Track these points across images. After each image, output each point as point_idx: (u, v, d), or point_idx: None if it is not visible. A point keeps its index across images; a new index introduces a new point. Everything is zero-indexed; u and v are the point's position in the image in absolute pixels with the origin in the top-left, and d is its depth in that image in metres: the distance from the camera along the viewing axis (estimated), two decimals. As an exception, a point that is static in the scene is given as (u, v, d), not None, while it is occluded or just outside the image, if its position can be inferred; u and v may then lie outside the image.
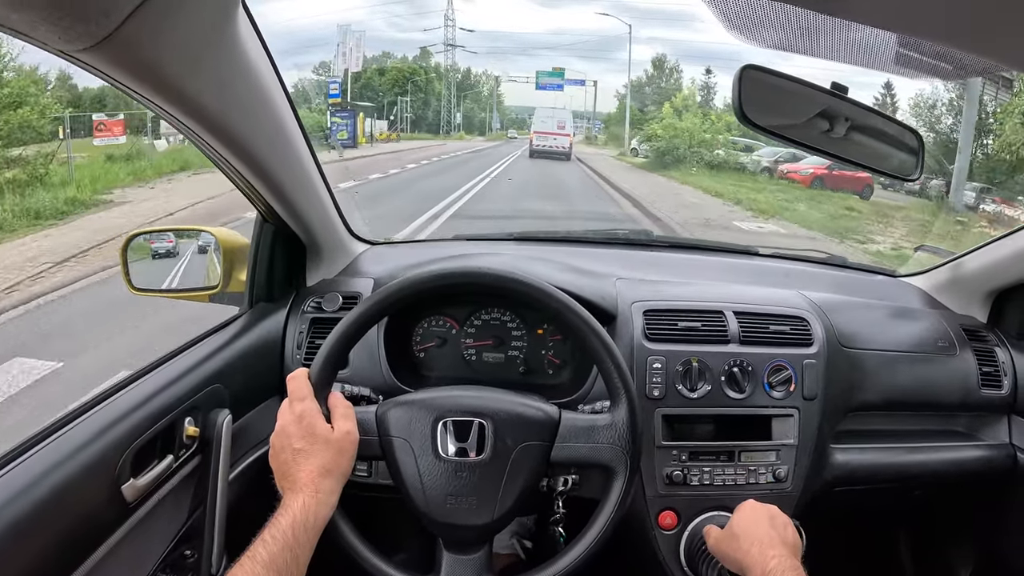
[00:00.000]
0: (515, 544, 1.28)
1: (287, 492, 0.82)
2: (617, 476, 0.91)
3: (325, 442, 0.84)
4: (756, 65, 0.91)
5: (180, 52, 0.69)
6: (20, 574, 0.70)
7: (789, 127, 0.96)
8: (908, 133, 1.04)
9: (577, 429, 0.92)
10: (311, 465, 0.82)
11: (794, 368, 1.17)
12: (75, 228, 7.38)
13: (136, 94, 0.71)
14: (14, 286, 5.26)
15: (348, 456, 0.86)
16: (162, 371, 0.99)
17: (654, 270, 1.41)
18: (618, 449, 0.91)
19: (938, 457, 1.31)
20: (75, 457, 0.78)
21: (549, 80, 30.93)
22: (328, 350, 0.91)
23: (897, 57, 0.73)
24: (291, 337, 1.20)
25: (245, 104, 0.86)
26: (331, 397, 0.90)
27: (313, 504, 0.80)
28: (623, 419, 0.92)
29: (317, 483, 0.81)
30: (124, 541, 0.84)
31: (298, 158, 1.07)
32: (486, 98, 37.86)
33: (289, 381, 0.89)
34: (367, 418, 0.91)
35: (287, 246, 1.23)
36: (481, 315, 1.29)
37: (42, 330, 4.69)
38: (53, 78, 10.48)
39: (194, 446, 0.98)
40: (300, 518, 0.78)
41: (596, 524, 0.91)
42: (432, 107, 33.18)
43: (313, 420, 0.85)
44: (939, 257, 1.54)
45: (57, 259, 6.02)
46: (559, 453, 0.91)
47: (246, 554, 0.73)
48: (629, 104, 29.53)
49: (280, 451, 0.85)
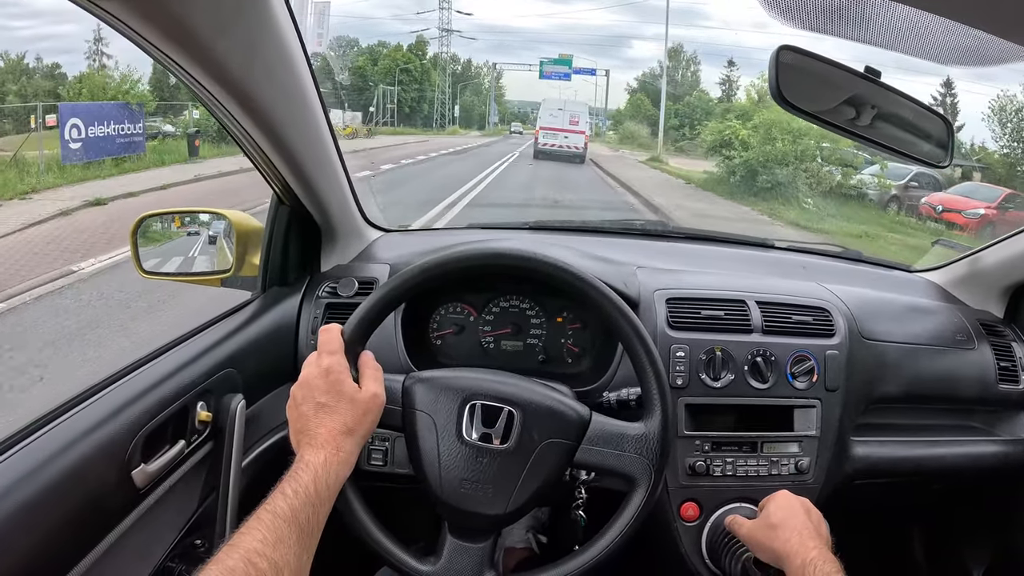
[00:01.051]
0: (530, 538, 1.26)
1: (305, 447, 0.77)
2: (639, 488, 0.87)
3: (351, 400, 0.80)
4: (791, 46, 0.89)
5: (210, 12, 0.67)
6: (28, 559, 0.68)
7: (824, 111, 0.95)
8: (938, 120, 1.04)
9: (606, 435, 0.88)
10: (334, 422, 0.78)
11: (816, 359, 1.16)
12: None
13: (160, 52, 0.69)
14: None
15: (371, 419, 0.82)
16: (174, 354, 0.97)
17: (672, 260, 1.40)
18: (645, 461, 0.87)
19: (956, 451, 1.30)
20: (84, 440, 0.76)
21: (554, 69, 27.22)
22: (367, 310, 0.88)
23: (935, 42, 0.73)
24: (305, 322, 1.18)
25: (270, 73, 0.84)
26: (362, 356, 0.86)
27: (335, 462, 0.75)
28: (655, 431, 0.88)
29: (338, 441, 0.77)
30: (133, 529, 0.82)
31: (319, 136, 1.05)
32: (486, 90, 35.58)
33: (322, 333, 0.85)
34: (394, 387, 0.88)
35: (302, 229, 1.21)
36: (500, 302, 1.27)
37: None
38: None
39: (206, 431, 0.96)
40: (322, 475, 0.73)
41: (611, 531, 0.87)
42: (428, 99, 31.33)
43: (341, 376, 0.80)
44: (955, 252, 1.54)
45: None
46: (583, 456, 0.88)
47: (264, 506, 0.69)
48: (665, 89, 25.79)
49: (301, 402, 0.80)
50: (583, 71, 29.27)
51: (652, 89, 31.08)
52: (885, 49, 0.77)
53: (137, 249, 1.18)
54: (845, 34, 0.75)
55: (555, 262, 0.90)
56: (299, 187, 1.09)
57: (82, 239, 6.48)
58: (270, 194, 1.16)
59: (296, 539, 0.67)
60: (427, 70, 31.53)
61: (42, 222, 7.06)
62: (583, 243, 1.45)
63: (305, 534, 0.69)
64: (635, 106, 31.46)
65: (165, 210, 1.24)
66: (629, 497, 0.88)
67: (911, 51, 0.77)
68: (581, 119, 17.20)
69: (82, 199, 8.03)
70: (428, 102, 31.31)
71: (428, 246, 1.36)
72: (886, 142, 0.98)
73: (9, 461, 0.70)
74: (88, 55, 19.96)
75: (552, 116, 17.15)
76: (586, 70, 29.56)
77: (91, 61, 19.75)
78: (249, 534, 0.65)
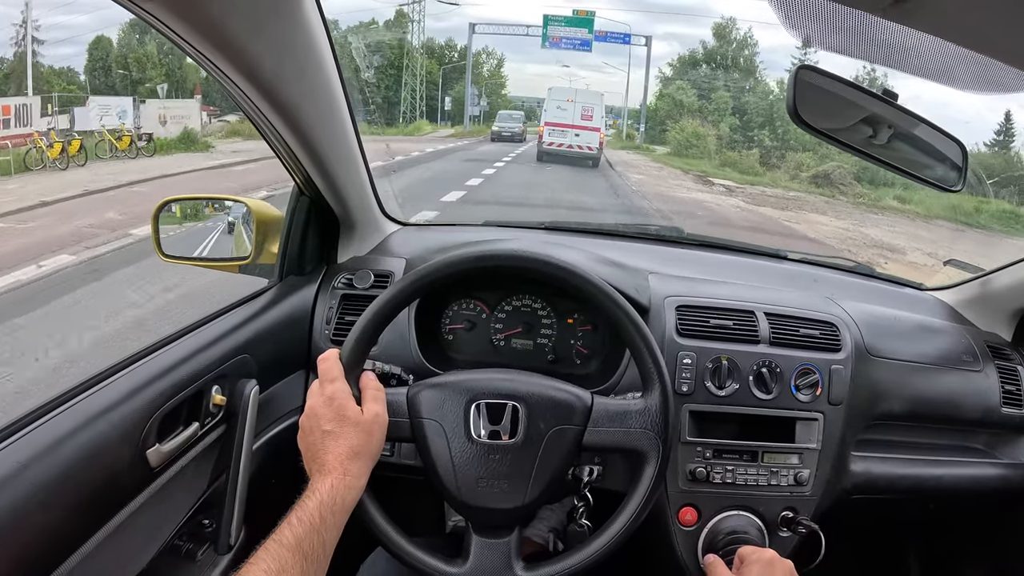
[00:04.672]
0: (550, 537, 1.27)
1: (315, 474, 0.81)
2: (649, 461, 0.91)
3: (355, 424, 0.83)
4: (811, 65, 0.90)
5: (245, 13, 0.69)
6: (43, 534, 0.70)
7: (838, 130, 0.96)
8: (953, 144, 1.04)
9: (610, 414, 0.92)
10: (340, 447, 0.81)
11: (821, 372, 1.17)
12: None
13: (196, 52, 0.71)
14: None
15: (377, 439, 0.85)
16: (191, 338, 0.99)
17: (685, 267, 1.40)
18: (651, 434, 0.91)
19: (956, 472, 1.30)
20: (101, 419, 0.78)
21: (566, 32, 16.76)
22: (360, 330, 0.90)
23: (949, 66, 0.73)
24: (320, 312, 1.20)
25: (302, 73, 0.86)
26: (362, 378, 0.90)
27: (341, 486, 0.79)
28: (656, 404, 0.91)
29: (345, 465, 0.80)
30: (145, 506, 0.84)
31: (344, 132, 1.07)
32: (485, 79, 27.08)
33: (320, 362, 0.88)
34: (398, 400, 0.91)
35: (321, 220, 1.23)
36: (512, 301, 1.29)
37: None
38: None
39: (220, 415, 0.98)
40: (327, 500, 0.77)
41: (627, 509, 0.90)
42: (409, 87, 24.80)
43: (343, 402, 0.84)
44: (967, 272, 1.53)
45: None
46: (592, 438, 0.91)
47: (272, 537, 0.73)
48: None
49: (309, 433, 0.84)
50: (612, 37, 18.21)
51: (697, 77, 21.07)
52: (899, 70, 0.78)
53: (158, 233, 1.21)
54: (865, 56, 0.77)
55: (518, 252, 0.94)
56: (321, 180, 1.12)
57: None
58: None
59: (300, 568, 0.71)
60: (408, 51, 24.87)
61: None
62: (597, 246, 1.46)
63: (310, 561, 0.72)
64: (668, 104, 21.63)
65: (186, 196, 1.27)
66: (640, 473, 0.91)
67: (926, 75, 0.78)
68: (595, 113, 13.92)
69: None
70: (411, 91, 25.31)
71: (443, 242, 1.38)
72: (900, 164, 0.99)
73: (28, 437, 0.72)
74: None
75: (560, 109, 13.73)
76: (616, 35, 18.28)
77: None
78: (256, 565, 0.69)
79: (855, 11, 0.62)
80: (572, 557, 0.89)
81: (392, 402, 0.89)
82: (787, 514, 1.14)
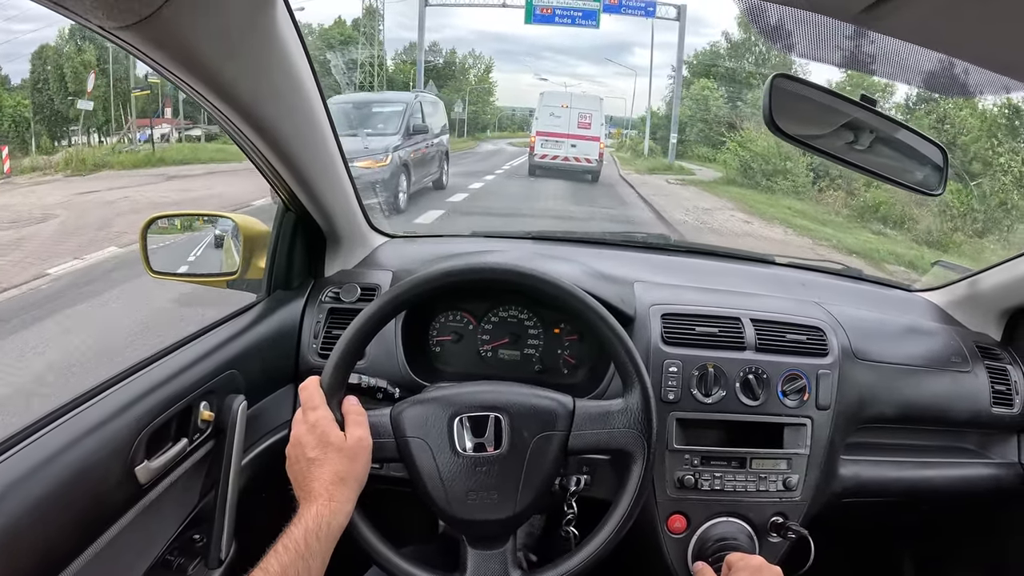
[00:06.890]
0: (520, 558, 1.27)
1: (302, 502, 0.81)
2: (636, 460, 0.91)
3: (338, 450, 0.83)
4: (787, 74, 0.91)
5: (219, 37, 0.70)
6: (33, 551, 0.70)
7: (816, 137, 0.96)
8: (934, 148, 1.04)
9: (592, 416, 0.92)
10: (325, 474, 0.82)
11: (808, 378, 1.17)
12: None
13: (172, 75, 0.72)
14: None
15: (362, 462, 0.85)
16: (179, 355, 0.99)
17: (672, 274, 1.41)
18: (635, 432, 0.91)
19: (947, 473, 1.31)
20: (91, 436, 0.78)
21: (562, 1, 12.93)
22: (339, 355, 0.90)
23: (926, 71, 0.74)
24: (308, 326, 1.21)
25: (278, 93, 0.87)
26: (344, 403, 0.90)
27: (327, 513, 0.79)
28: (637, 403, 0.92)
29: (331, 491, 0.81)
30: (135, 523, 0.84)
31: (325, 148, 1.07)
32: (471, 84, 23.91)
33: (301, 391, 0.89)
34: (382, 420, 0.91)
35: (307, 235, 1.23)
36: (499, 312, 1.30)
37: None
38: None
39: (208, 430, 0.98)
40: (313, 527, 0.77)
41: (617, 511, 0.91)
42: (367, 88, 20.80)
43: (326, 428, 0.84)
44: (955, 273, 1.53)
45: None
46: (576, 442, 0.91)
47: (259, 565, 0.73)
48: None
49: (295, 461, 0.85)
50: (629, 7, 14.01)
51: (722, 73, 17.57)
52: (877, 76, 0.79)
53: (147, 249, 1.22)
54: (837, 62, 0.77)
55: (488, 265, 0.95)
56: (304, 196, 1.12)
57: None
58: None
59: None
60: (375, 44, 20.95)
61: None
62: (584, 255, 1.46)
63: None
64: (698, 101, 18.44)
65: (174, 212, 1.28)
66: (628, 473, 0.92)
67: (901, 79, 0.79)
68: (594, 120, 12.56)
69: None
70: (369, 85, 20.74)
71: (430, 254, 1.38)
72: (879, 170, 0.99)
73: (19, 455, 0.72)
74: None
75: (554, 116, 12.28)
76: (636, 6, 14.16)
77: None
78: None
79: (827, 18, 0.63)
80: (568, 562, 0.89)
81: (376, 423, 0.89)
82: (777, 520, 1.14)
